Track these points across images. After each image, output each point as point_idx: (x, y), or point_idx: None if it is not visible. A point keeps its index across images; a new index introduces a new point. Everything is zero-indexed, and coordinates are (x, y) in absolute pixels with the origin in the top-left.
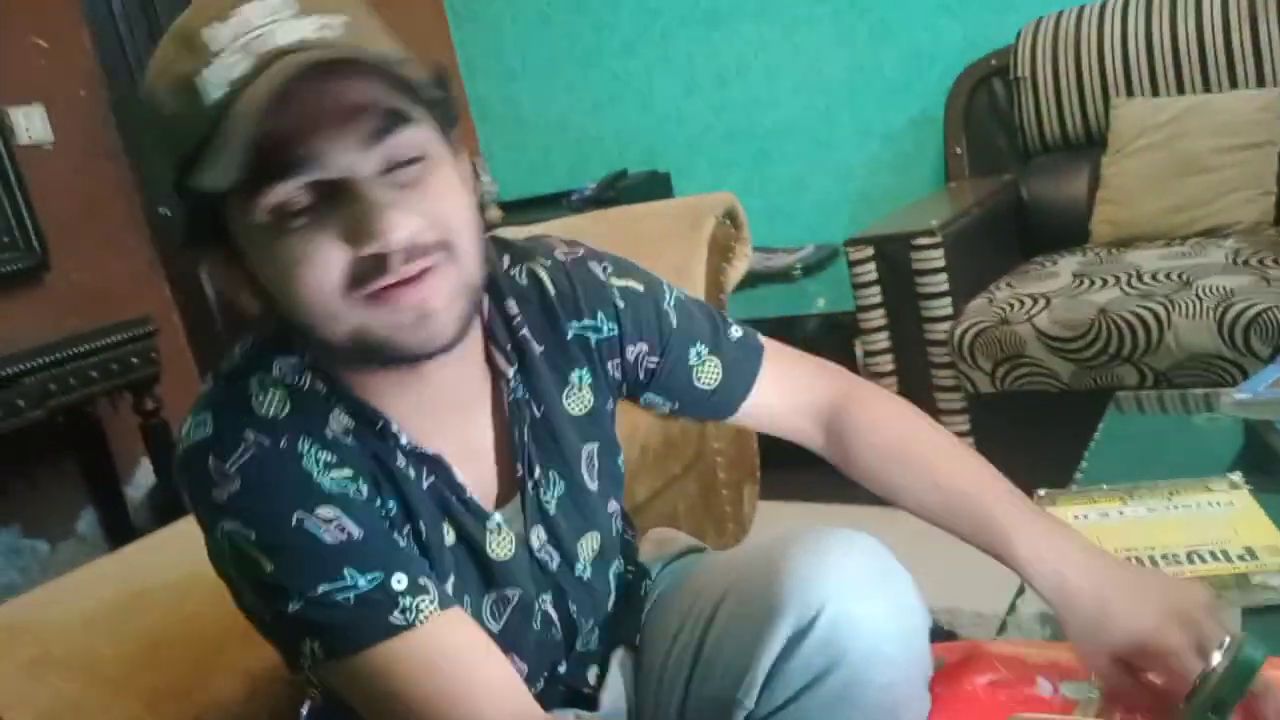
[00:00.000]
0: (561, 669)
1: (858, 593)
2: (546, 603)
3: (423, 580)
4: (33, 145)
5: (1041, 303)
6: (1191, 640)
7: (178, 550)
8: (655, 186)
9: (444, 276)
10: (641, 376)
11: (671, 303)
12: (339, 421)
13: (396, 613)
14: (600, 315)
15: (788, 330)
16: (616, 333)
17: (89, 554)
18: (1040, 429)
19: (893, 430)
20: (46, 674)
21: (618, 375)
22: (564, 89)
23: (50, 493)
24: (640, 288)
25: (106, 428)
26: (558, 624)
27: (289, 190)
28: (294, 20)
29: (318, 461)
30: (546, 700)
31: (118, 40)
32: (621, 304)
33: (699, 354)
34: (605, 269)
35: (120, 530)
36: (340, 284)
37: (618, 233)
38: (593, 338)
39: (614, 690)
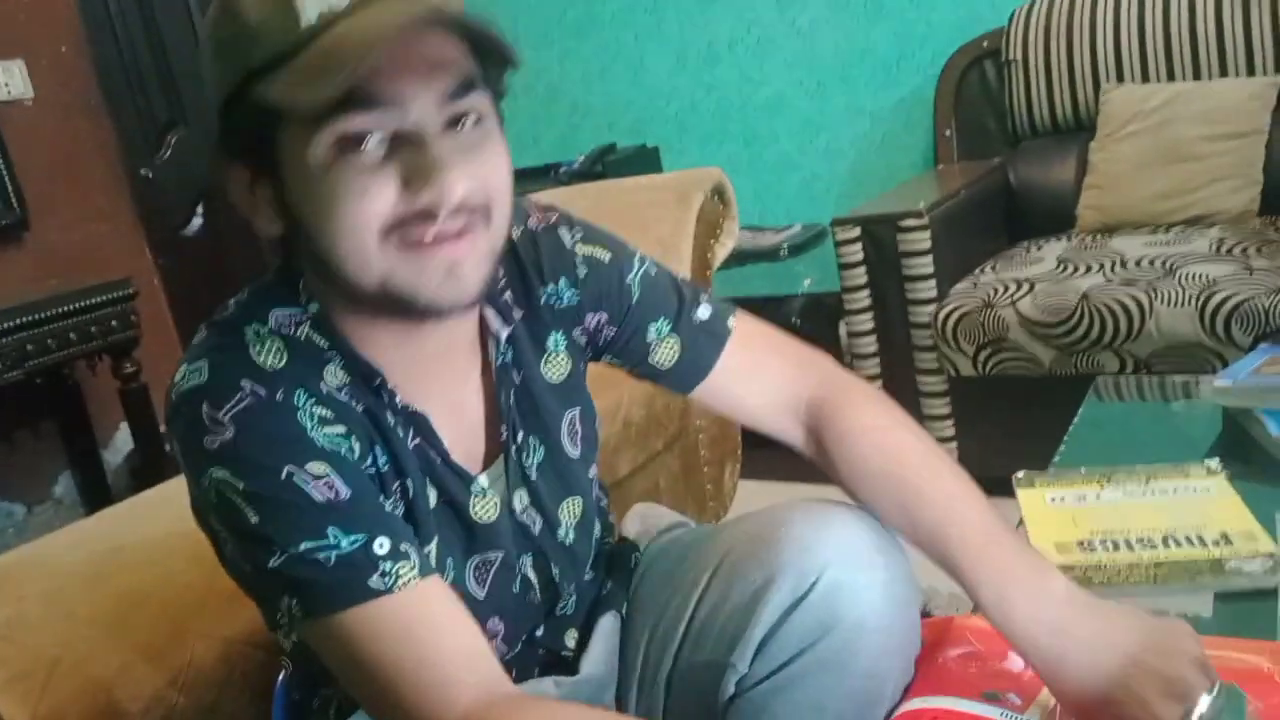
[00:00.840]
0: (539, 632)
1: (856, 563)
2: (527, 565)
3: (404, 546)
4: (11, 101)
5: (1025, 287)
6: (1163, 688)
7: (156, 514)
8: (644, 161)
9: (478, 238)
10: (600, 343)
11: (638, 275)
12: (334, 376)
13: (376, 576)
14: (563, 281)
15: (774, 310)
16: (577, 301)
17: (65, 518)
18: (1021, 412)
19: (871, 444)
20: (22, 634)
21: (582, 341)
22: (555, 59)
23: (27, 456)
24: (605, 257)
25: (84, 392)
26: (537, 587)
27: (363, 125)
28: None
29: (312, 416)
30: (524, 662)
31: None
32: (583, 272)
33: (658, 331)
34: (574, 235)
35: (98, 495)
36: (382, 225)
37: (604, 206)
38: (556, 304)
39: (596, 655)
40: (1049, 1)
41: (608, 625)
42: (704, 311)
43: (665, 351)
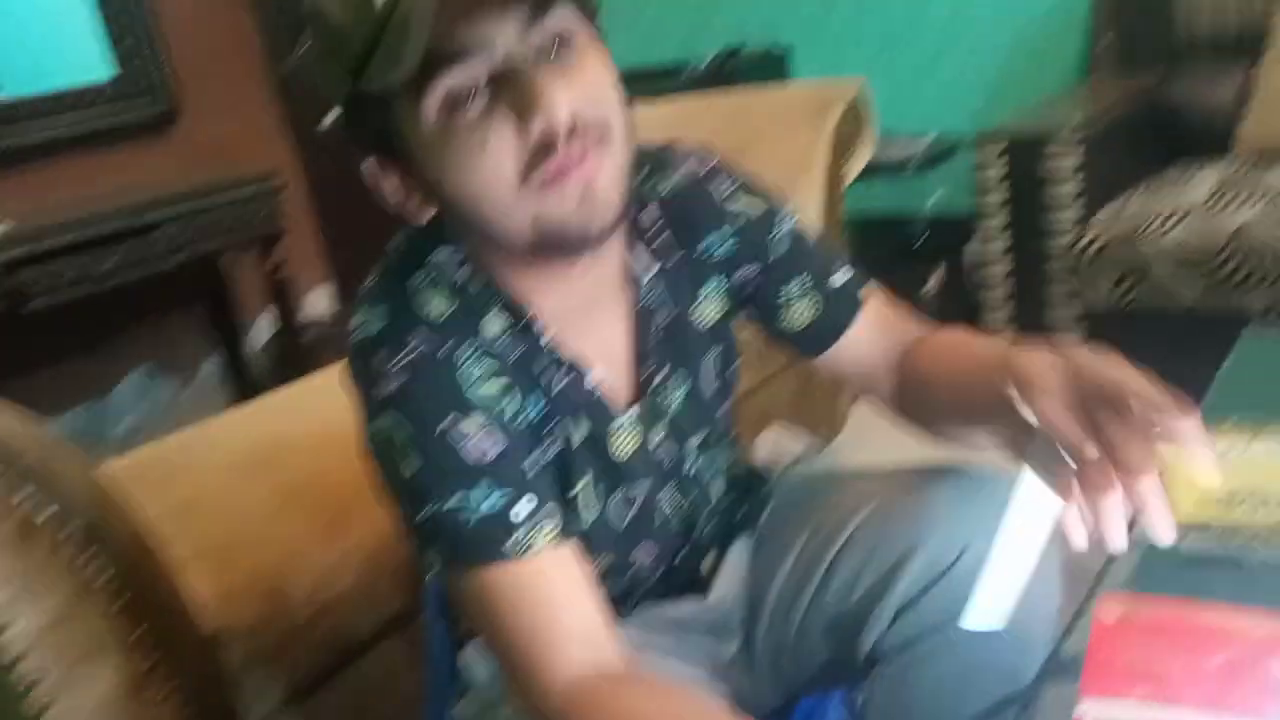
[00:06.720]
0: (679, 559)
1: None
2: (665, 498)
3: (545, 510)
4: None
5: (1174, 219)
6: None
7: (308, 408)
8: (770, 66)
9: (604, 156)
10: (743, 297)
11: (786, 230)
12: (495, 323)
13: (509, 542)
14: (721, 231)
15: (895, 232)
16: (734, 252)
17: (210, 397)
18: (1160, 352)
19: (938, 341)
20: (198, 517)
21: (733, 289)
22: None
23: (177, 338)
24: (760, 209)
25: (231, 281)
26: (676, 518)
27: (459, 79)
28: None
29: (474, 372)
30: (668, 586)
31: None
32: (740, 223)
33: (800, 287)
34: (731, 186)
35: (240, 379)
36: (514, 172)
37: (731, 123)
38: (713, 254)
39: (727, 581)
40: None
41: (739, 551)
42: (842, 276)
43: (801, 311)
